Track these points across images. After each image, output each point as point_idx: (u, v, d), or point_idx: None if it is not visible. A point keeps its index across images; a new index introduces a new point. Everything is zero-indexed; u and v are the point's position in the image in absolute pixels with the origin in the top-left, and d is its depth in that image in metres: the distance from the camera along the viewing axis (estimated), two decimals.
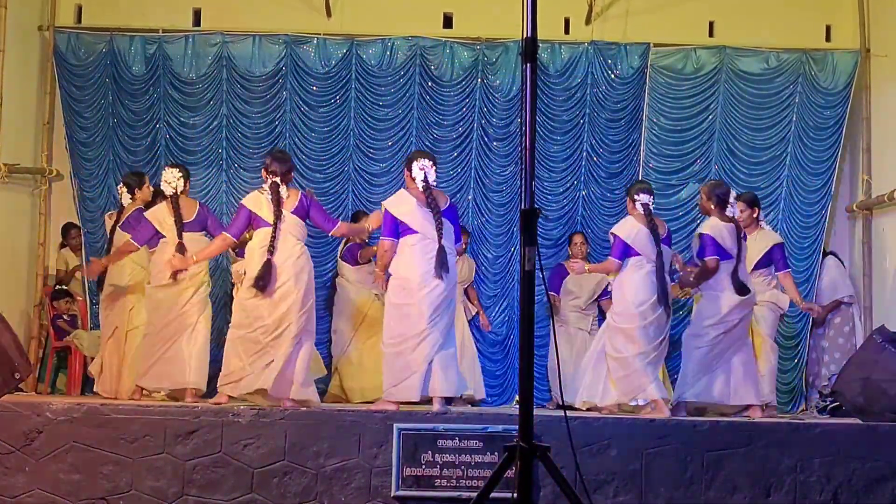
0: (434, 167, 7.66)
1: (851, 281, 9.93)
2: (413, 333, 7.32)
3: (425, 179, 7.55)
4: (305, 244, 7.54)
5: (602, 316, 9.74)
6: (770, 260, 8.52)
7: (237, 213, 7.66)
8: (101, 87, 10.16)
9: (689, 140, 10.30)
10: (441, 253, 7.37)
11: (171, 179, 8.13)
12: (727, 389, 7.82)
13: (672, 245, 8.37)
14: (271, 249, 7.24)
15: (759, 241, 8.52)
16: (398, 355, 7.34)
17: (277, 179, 7.42)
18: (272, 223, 7.30)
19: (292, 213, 7.39)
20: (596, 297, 9.78)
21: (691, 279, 8.16)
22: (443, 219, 7.48)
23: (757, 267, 8.43)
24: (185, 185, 8.23)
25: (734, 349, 7.91)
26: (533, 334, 3.55)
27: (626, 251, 7.95)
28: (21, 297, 9.91)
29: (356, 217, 9.63)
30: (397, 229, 7.53)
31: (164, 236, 8.08)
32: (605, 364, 7.89)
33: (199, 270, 8.17)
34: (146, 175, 8.94)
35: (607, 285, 9.56)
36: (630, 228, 8.01)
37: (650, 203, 8.07)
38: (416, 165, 7.59)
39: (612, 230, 8.19)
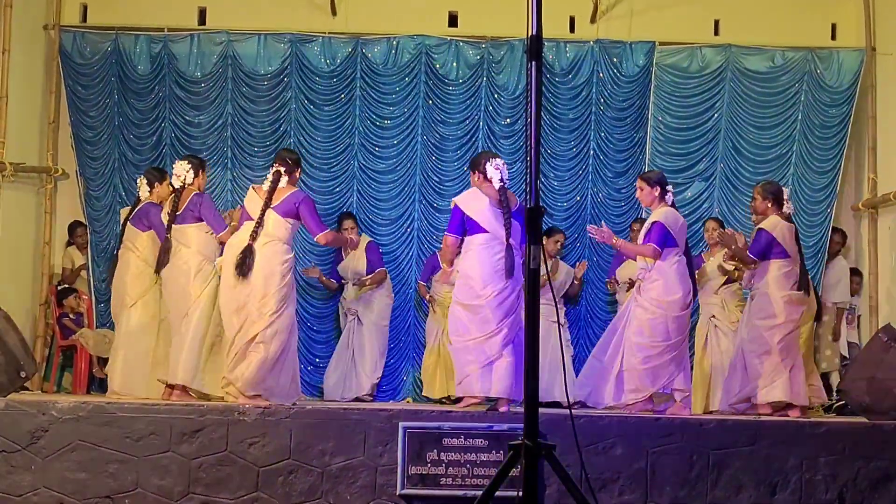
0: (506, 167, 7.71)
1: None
2: (477, 332, 7.37)
3: (502, 179, 7.56)
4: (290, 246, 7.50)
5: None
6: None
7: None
8: (107, 86, 10.18)
9: (695, 139, 10.30)
10: (509, 253, 7.39)
11: (179, 172, 8.02)
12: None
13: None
14: (253, 238, 7.27)
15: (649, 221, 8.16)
16: (462, 352, 7.43)
17: (281, 169, 7.44)
18: (257, 218, 7.32)
19: (274, 208, 7.37)
20: (566, 289, 9.75)
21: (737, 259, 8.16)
22: (512, 219, 7.47)
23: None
24: (195, 178, 8.03)
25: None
26: (538, 333, 3.55)
27: (666, 241, 7.68)
28: (27, 295, 9.93)
29: (342, 220, 9.70)
30: (464, 227, 7.56)
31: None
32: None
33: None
34: (168, 171, 8.69)
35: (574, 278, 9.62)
36: (674, 219, 7.78)
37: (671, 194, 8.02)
38: (490, 166, 7.59)
39: (655, 218, 7.76)
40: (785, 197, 8.11)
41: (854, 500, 6.58)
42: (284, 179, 7.45)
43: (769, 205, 8.03)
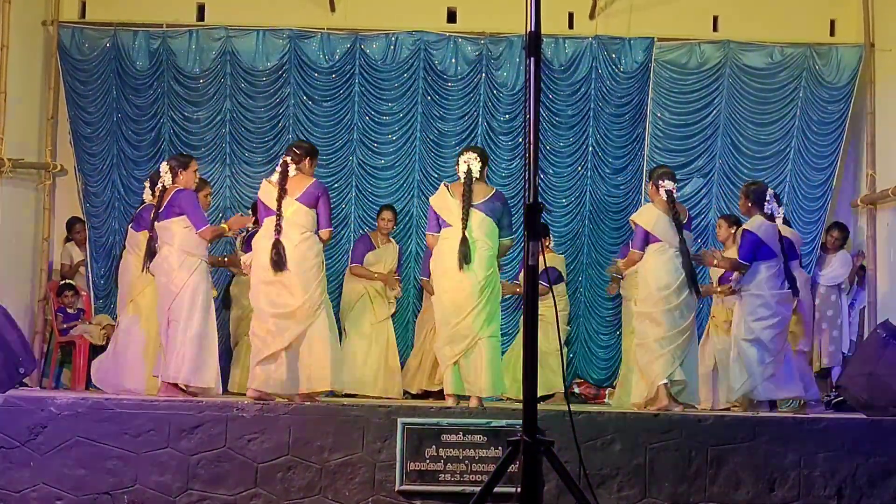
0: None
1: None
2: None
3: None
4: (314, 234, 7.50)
5: None
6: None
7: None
8: (105, 82, 10.17)
9: (694, 134, 10.30)
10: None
11: (161, 174, 8.04)
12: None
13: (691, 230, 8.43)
14: (278, 230, 7.29)
15: None
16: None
17: (287, 159, 7.48)
18: (276, 208, 7.34)
19: (297, 199, 7.38)
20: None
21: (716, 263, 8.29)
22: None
23: None
24: (174, 178, 7.94)
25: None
26: (537, 329, 3.54)
27: (647, 238, 7.96)
28: (25, 291, 9.92)
29: (381, 211, 9.84)
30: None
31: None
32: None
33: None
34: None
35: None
36: (649, 216, 8.01)
37: (674, 190, 8.07)
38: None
39: (633, 217, 8.22)
40: (766, 198, 8.14)
41: (852, 496, 6.59)
42: (293, 167, 7.45)
43: (750, 205, 8.11)
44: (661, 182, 8.03)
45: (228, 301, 9.72)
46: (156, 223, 7.89)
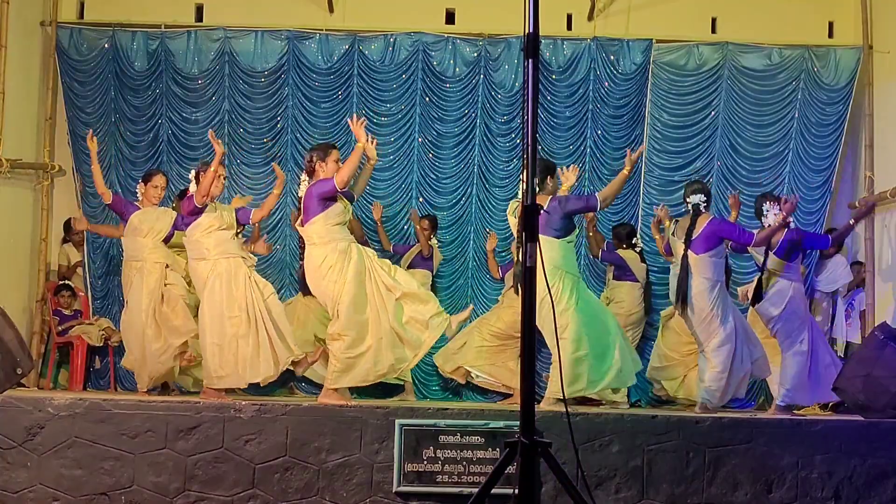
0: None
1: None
2: None
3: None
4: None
5: None
6: None
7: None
8: (104, 83, 10.17)
9: (692, 136, 10.30)
10: None
11: (192, 178, 8.11)
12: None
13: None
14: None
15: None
16: None
17: (303, 177, 7.74)
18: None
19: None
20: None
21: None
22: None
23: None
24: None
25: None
26: (535, 331, 3.55)
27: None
28: (23, 292, 9.92)
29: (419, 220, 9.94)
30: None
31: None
32: None
33: None
34: (164, 174, 8.91)
35: None
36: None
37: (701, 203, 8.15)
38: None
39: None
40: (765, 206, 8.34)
41: (850, 498, 6.59)
42: (309, 177, 7.64)
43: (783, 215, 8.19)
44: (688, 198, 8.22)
45: None
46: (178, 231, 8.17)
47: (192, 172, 8.18)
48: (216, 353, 7.62)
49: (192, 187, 7.95)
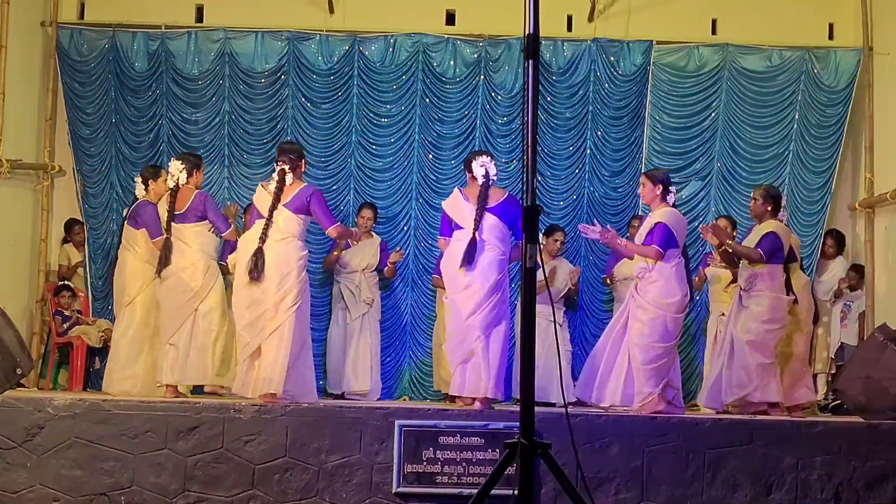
0: None
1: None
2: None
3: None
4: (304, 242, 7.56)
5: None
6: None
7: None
8: (104, 83, 10.17)
9: (692, 137, 10.30)
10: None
11: (173, 171, 8.10)
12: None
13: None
14: (263, 238, 7.30)
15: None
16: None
17: (286, 168, 7.48)
18: (267, 216, 7.36)
19: (285, 205, 7.40)
20: (566, 288, 9.69)
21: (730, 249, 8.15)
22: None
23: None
24: (189, 177, 8.09)
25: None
26: (534, 332, 3.55)
27: (669, 242, 7.66)
28: (23, 292, 9.91)
29: (361, 209, 9.81)
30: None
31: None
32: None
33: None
34: (163, 169, 8.69)
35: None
36: (676, 220, 7.80)
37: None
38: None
39: (659, 219, 7.71)
40: (783, 203, 8.15)
41: (850, 500, 6.59)
42: (290, 177, 7.47)
43: (768, 208, 8.06)
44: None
45: None
46: (174, 224, 8.01)
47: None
48: None
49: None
